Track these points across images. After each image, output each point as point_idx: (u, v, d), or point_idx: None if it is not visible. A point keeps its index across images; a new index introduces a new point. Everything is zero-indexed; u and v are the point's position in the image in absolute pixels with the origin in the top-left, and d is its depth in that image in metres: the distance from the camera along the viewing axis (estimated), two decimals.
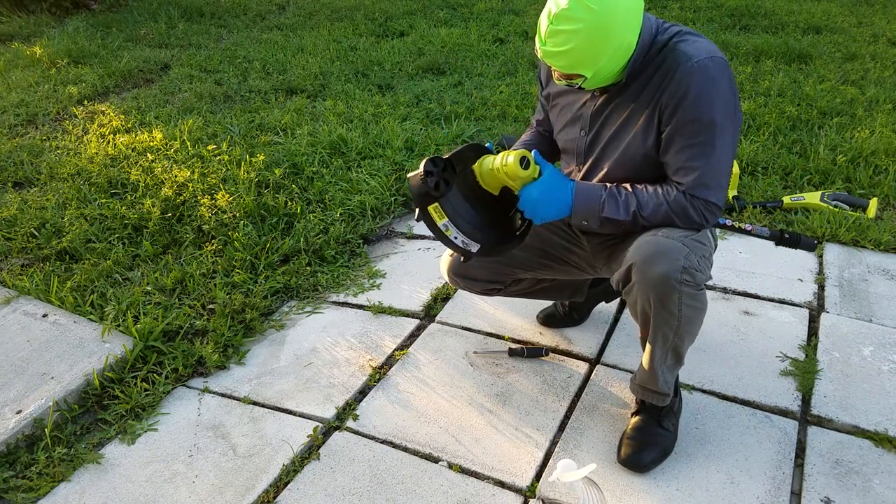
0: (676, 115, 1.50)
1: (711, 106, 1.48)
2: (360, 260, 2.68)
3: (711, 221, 1.58)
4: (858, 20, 5.54)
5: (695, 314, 1.55)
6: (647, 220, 1.58)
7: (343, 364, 2.12)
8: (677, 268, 1.47)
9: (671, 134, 1.53)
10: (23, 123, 4.09)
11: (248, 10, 6.75)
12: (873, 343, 2.09)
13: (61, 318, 2.29)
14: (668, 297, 1.50)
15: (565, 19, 1.41)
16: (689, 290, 1.50)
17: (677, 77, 1.48)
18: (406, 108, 4.02)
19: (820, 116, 3.67)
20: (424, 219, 1.62)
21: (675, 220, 1.56)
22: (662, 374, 1.66)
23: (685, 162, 1.53)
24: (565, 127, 1.75)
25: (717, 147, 1.51)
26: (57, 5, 6.78)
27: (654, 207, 1.57)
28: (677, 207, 1.55)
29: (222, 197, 2.90)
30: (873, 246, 2.59)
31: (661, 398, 1.70)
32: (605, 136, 1.65)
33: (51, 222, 2.87)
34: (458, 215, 1.62)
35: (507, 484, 1.68)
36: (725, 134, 1.51)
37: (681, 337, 1.58)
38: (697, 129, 1.49)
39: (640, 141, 1.58)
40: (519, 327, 2.24)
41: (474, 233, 1.63)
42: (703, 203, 1.55)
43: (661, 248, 1.49)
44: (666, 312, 1.53)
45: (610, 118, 1.63)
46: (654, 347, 1.62)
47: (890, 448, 1.73)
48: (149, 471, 1.78)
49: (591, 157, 1.69)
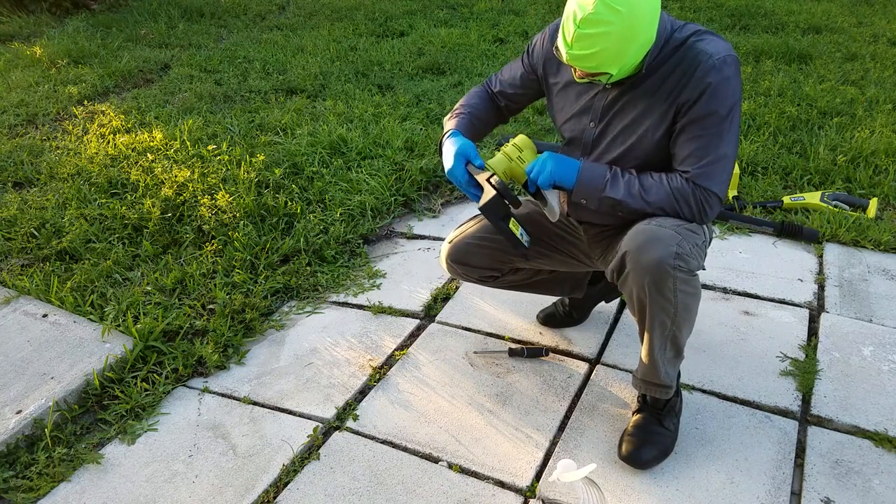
0: (693, 108, 1.53)
1: (725, 101, 1.52)
2: (360, 260, 2.68)
3: (710, 214, 1.60)
4: (858, 20, 5.54)
5: (690, 301, 1.56)
6: (648, 204, 1.59)
7: (343, 364, 2.12)
8: (670, 253, 1.49)
9: (684, 125, 1.55)
10: (23, 123, 4.09)
11: (248, 10, 6.75)
12: (873, 343, 2.09)
13: (61, 318, 2.29)
14: (662, 282, 1.51)
15: (593, 23, 1.41)
16: (682, 275, 1.52)
17: (698, 74, 1.51)
18: (406, 108, 4.02)
19: (820, 116, 3.67)
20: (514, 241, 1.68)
21: (676, 207, 1.58)
22: (663, 364, 1.66)
23: (694, 151, 1.56)
24: (572, 118, 1.75)
25: (725, 140, 1.55)
26: (57, 5, 6.78)
27: (657, 191, 1.59)
28: (679, 194, 1.57)
29: (222, 197, 2.90)
30: (873, 246, 2.59)
31: (663, 391, 1.70)
32: (616, 128, 1.65)
33: (51, 222, 2.87)
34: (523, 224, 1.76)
35: (507, 484, 1.68)
36: (733, 128, 1.55)
37: (678, 325, 1.59)
38: (711, 121, 1.53)
39: (651, 135, 1.60)
40: (519, 327, 2.24)
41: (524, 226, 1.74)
42: (705, 193, 1.57)
43: (654, 235, 1.52)
44: (662, 299, 1.54)
45: (622, 111, 1.64)
46: (652, 337, 1.62)
47: (890, 448, 1.73)
48: (149, 471, 1.78)
49: (598, 149, 1.70)
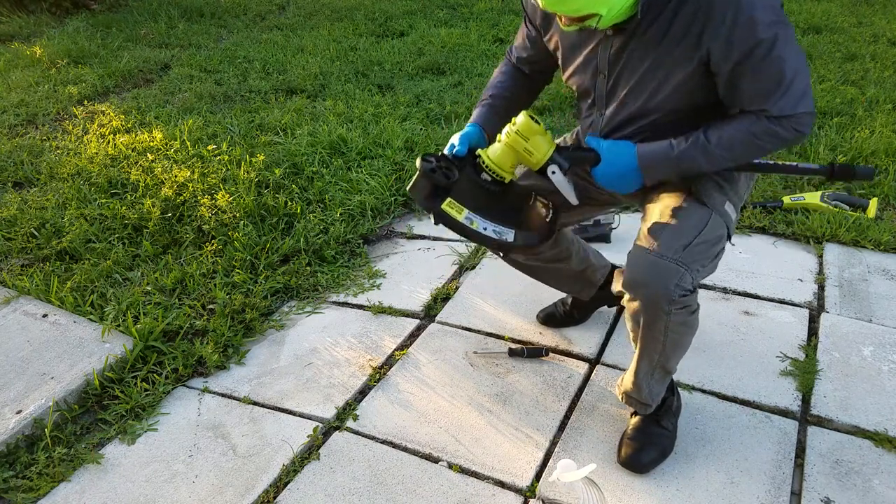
0: (732, 50, 1.36)
1: (762, 22, 1.33)
2: (360, 260, 2.68)
3: (807, 131, 1.44)
4: (858, 20, 5.54)
5: (682, 338, 1.55)
6: (734, 160, 1.48)
7: (343, 364, 2.12)
8: (667, 295, 1.43)
9: (731, 69, 1.39)
10: (23, 123, 4.09)
11: (248, 10, 6.75)
12: (873, 343, 2.09)
13: (61, 318, 2.29)
14: (654, 322, 1.49)
15: None
16: (677, 318, 1.48)
17: (718, 9, 1.34)
18: (406, 108, 4.02)
19: (820, 116, 3.67)
20: (442, 220, 1.44)
21: (766, 147, 1.45)
22: (648, 386, 1.66)
23: (759, 90, 1.40)
24: (576, 71, 1.61)
25: (787, 58, 1.37)
26: (57, 5, 6.78)
27: (740, 143, 1.45)
28: (765, 136, 1.43)
29: (222, 197, 2.90)
30: (873, 246, 2.59)
31: (644, 408, 1.71)
32: (629, 80, 1.52)
33: (51, 222, 2.87)
34: (479, 206, 1.44)
35: (507, 484, 1.68)
36: (788, 39, 1.36)
37: (666, 357, 1.58)
38: (760, 53, 1.35)
39: (671, 84, 1.47)
40: (519, 327, 2.24)
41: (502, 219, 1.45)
42: (792, 119, 1.41)
43: (653, 269, 1.44)
44: (651, 337, 1.53)
45: (631, 62, 1.50)
46: (640, 363, 1.63)
47: (890, 448, 1.73)
48: (149, 471, 1.77)
49: (614, 102, 1.58)
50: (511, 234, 1.48)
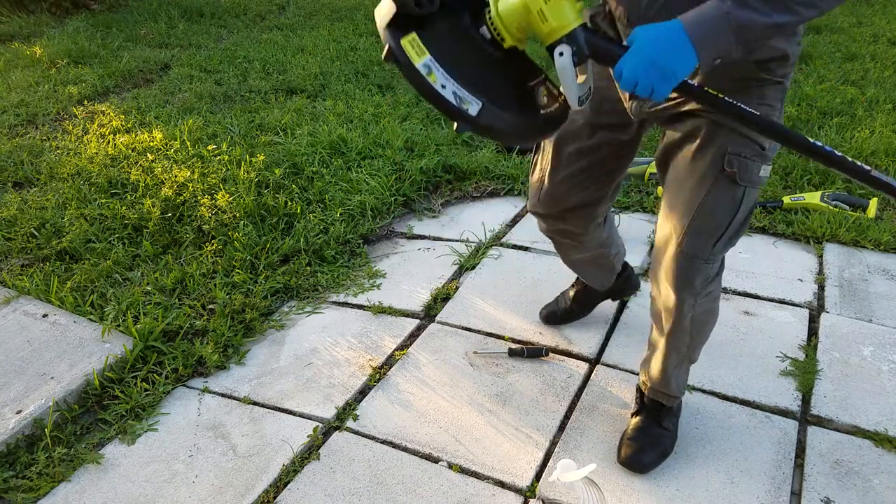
0: None
1: None
2: (360, 260, 2.68)
3: None
4: (858, 20, 5.54)
5: (706, 326, 1.58)
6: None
7: (343, 364, 2.12)
8: (694, 290, 1.47)
9: None
10: (23, 123, 4.09)
11: (248, 10, 6.75)
12: (873, 343, 2.09)
13: (61, 319, 2.29)
14: (682, 316, 1.52)
15: None
16: (702, 306, 1.51)
17: None
18: (406, 108, 4.02)
19: (820, 116, 3.67)
20: (394, 59, 1.09)
21: None
22: (677, 378, 1.68)
23: None
24: None
25: None
26: (57, 5, 6.77)
27: None
28: None
29: (222, 197, 2.90)
30: (873, 246, 2.59)
31: (671, 400, 1.72)
32: None
33: (51, 222, 2.87)
34: (453, 60, 1.10)
35: (507, 484, 1.68)
36: None
37: (693, 347, 1.62)
38: None
39: None
40: (519, 327, 2.24)
41: (474, 86, 1.11)
42: None
43: (681, 266, 1.45)
44: (679, 329, 1.55)
45: None
46: (668, 357, 1.64)
47: (890, 448, 1.73)
48: (149, 471, 1.78)
49: None
50: (476, 106, 1.11)
